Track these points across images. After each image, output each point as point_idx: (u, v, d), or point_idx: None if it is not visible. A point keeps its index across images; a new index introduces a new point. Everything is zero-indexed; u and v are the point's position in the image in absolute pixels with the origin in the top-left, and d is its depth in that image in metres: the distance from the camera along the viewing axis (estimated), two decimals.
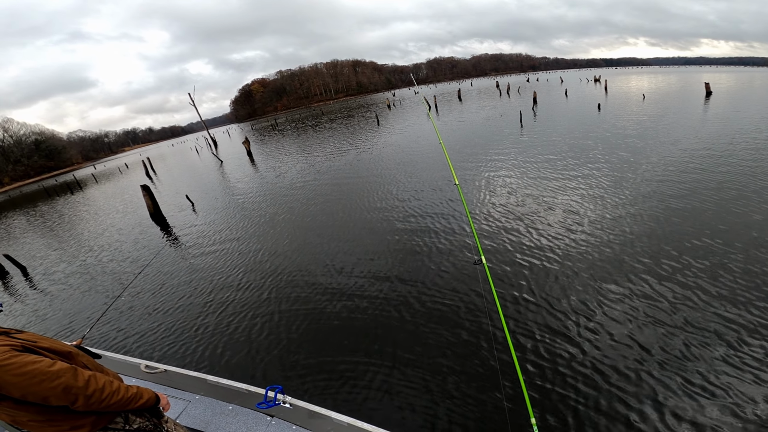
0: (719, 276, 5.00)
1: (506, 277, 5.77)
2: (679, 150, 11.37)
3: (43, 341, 1.69)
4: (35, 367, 1.47)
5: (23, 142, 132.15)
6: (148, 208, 14.13)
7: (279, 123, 77.39)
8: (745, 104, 19.55)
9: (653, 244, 6.08)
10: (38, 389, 1.46)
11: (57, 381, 1.49)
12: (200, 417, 2.73)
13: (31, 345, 1.59)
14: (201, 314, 6.20)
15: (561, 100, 32.42)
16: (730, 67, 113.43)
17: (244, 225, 10.82)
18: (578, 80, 62.76)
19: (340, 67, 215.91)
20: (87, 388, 1.57)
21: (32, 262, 11.71)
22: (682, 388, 3.49)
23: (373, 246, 7.67)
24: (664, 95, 27.98)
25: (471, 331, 4.67)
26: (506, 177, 10.89)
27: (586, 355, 4.04)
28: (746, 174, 8.54)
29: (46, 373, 1.48)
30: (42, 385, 1.46)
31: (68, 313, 7.35)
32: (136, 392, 1.80)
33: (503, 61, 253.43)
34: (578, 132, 16.27)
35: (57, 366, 1.53)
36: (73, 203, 25.64)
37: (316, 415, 2.51)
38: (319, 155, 21.58)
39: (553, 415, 3.42)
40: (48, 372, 1.49)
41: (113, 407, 1.68)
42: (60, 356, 1.68)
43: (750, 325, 4.08)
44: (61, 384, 1.50)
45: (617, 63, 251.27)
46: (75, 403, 1.55)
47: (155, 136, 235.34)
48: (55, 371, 1.50)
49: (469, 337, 4.58)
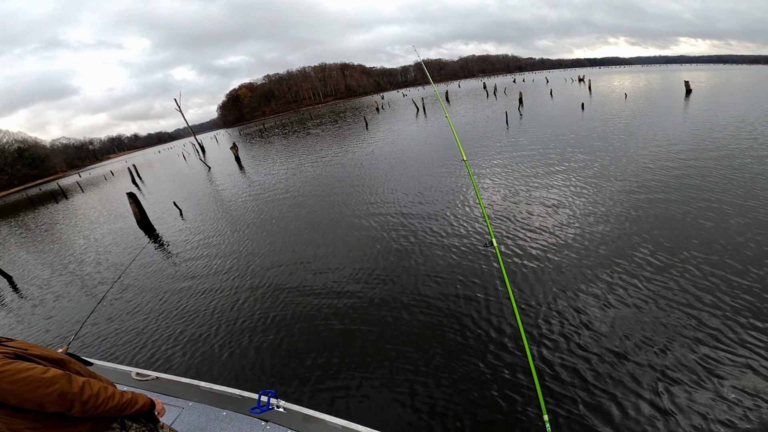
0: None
1: (519, 262, 5.82)
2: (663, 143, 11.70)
3: (34, 349, 1.69)
4: (29, 374, 1.47)
5: (6, 150, 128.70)
6: (135, 216, 13.93)
7: (267, 128, 76.87)
8: (724, 101, 20.14)
9: (664, 233, 6.22)
10: (33, 396, 1.46)
11: (52, 387, 1.49)
12: (194, 424, 2.71)
13: (22, 353, 1.58)
14: (191, 320, 6.15)
15: (546, 100, 32.92)
16: (710, 65, 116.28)
17: (233, 230, 10.75)
18: (563, 80, 63.85)
19: (329, 70, 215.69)
20: (82, 394, 1.58)
21: (18, 271, 11.45)
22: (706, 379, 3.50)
23: (364, 248, 7.69)
24: (645, 94, 28.64)
25: (480, 322, 4.70)
26: (501, 171, 11.05)
27: (601, 345, 4.03)
28: (732, 166, 8.92)
29: (41, 380, 1.48)
30: (37, 392, 1.46)
31: (54, 321, 7.22)
32: (131, 397, 1.81)
33: (490, 63, 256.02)
34: (562, 130, 16.57)
35: (51, 373, 1.53)
36: (57, 212, 25.10)
37: (311, 419, 2.48)
38: (308, 158, 21.52)
39: (565, 408, 3.40)
40: (42, 379, 1.49)
41: (109, 413, 1.68)
42: (52, 363, 1.67)
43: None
44: (56, 390, 1.50)
45: (601, 63, 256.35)
46: (71, 409, 1.55)
47: (141, 143, 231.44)
48: (49, 378, 1.51)
49: (477, 327, 4.61)
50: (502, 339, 4.39)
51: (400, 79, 62.03)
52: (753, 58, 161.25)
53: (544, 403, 2.40)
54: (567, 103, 28.74)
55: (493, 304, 5.09)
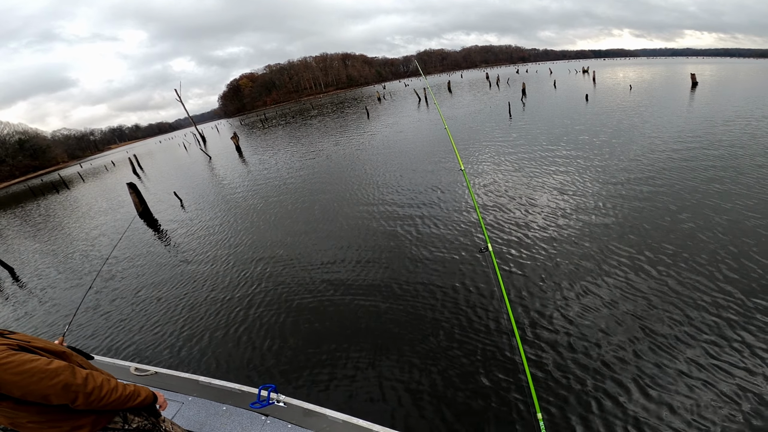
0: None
1: (512, 264, 5.82)
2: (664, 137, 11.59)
3: (36, 341, 1.69)
4: (33, 365, 1.48)
5: (7, 141, 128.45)
6: (136, 206, 13.94)
7: (268, 117, 76.43)
8: (730, 94, 19.89)
9: (667, 230, 6.16)
10: (38, 387, 1.46)
11: (56, 379, 1.50)
12: (194, 418, 2.71)
13: (26, 344, 1.58)
14: (189, 314, 6.14)
15: (550, 91, 32.57)
16: (717, 58, 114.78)
17: (234, 221, 10.74)
18: (567, 71, 63.04)
19: (330, 60, 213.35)
20: (86, 386, 1.58)
21: (19, 263, 11.51)
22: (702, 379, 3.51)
23: (362, 242, 7.67)
24: (650, 86, 28.29)
25: (476, 322, 4.68)
26: (499, 166, 10.97)
27: (593, 345, 4.02)
28: (741, 156, 8.81)
29: (45, 371, 1.48)
30: (41, 383, 1.46)
31: (52, 313, 7.25)
32: (133, 390, 1.82)
33: (493, 53, 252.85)
34: (565, 122, 16.40)
35: (55, 364, 1.53)
36: (59, 203, 25.13)
37: (311, 413, 2.48)
38: (309, 148, 21.42)
39: (559, 408, 3.40)
40: (46, 370, 1.49)
41: (112, 405, 1.68)
42: (55, 356, 1.68)
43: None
44: (60, 382, 1.50)
45: (605, 54, 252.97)
46: (75, 401, 1.55)
47: (142, 133, 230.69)
48: (53, 369, 1.51)
49: (473, 327, 4.59)
50: (497, 339, 4.37)
51: (402, 69, 61.10)
52: (760, 52, 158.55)
53: (538, 402, 2.40)
54: (571, 94, 28.41)
55: (488, 305, 5.05)
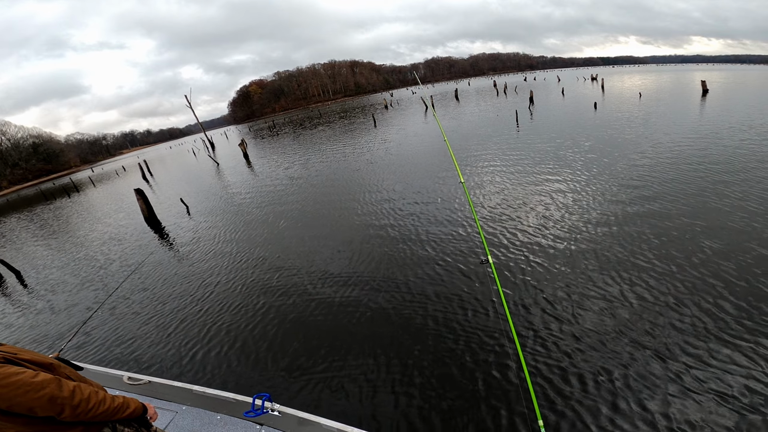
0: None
1: (513, 275, 5.75)
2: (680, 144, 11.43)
3: (23, 353, 1.68)
4: (19, 378, 1.48)
5: (21, 145, 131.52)
6: (143, 212, 14.08)
7: (277, 124, 77.29)
8: (742, 102, 19.63)
9: (667, 242, 6.06)
10: (23, 400, 1.46)
11: (42, 392, 1.50)
12: (188, 428, 2.69)
13: (12, 357, 1.58)
14: (184, 323, 6.12)
15: (558, 99, 32.46)
16: (727, 65, 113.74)
17: (237, 230, 10.78)
18: (575, 79, 62.84)
19: (338, 67, 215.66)
20: (73, 399, 1.58)
21: (27, 266, 11.68)
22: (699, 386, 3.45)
23: (361, 253, 7.61)
24: (660, 93, 28.06)
25: (476, 332, 4.63)
26: (504, 176, 10.91)
27: (594, 354, 4.00)
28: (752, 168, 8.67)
29: (30, 384, 1.48)
30: (27, 396, 1.47)
31: (52, 322, 7.25)
32: (122, 402, 1.81)
33: (501, 61, 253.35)
34: (572, 132, 16.30)
35: (40, 377, 1.53)
36: (69, 207, 25.55)
37: (306, 422, 2.46)
38: (316, 156, 21.57)
39: (560, 415, 3.39)
40: (32, 383, 1.49)
41: (100, 417, 1.68)
42: (41, 368, 1.66)
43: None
44: (46, 394, 1.50)
45: (614, 62, 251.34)
46: (62, 413, 1.55)
47: (153, 139, 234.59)
48: (38, 382, 1.51)
49: (473, 337, 4.54)
50: (497, 349, 4.31)
51: (410, 76, 61.53)
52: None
53: (539, 409, 2.38)
54: (579, 102, 28.28)
55: (489, 316, 4.98)
